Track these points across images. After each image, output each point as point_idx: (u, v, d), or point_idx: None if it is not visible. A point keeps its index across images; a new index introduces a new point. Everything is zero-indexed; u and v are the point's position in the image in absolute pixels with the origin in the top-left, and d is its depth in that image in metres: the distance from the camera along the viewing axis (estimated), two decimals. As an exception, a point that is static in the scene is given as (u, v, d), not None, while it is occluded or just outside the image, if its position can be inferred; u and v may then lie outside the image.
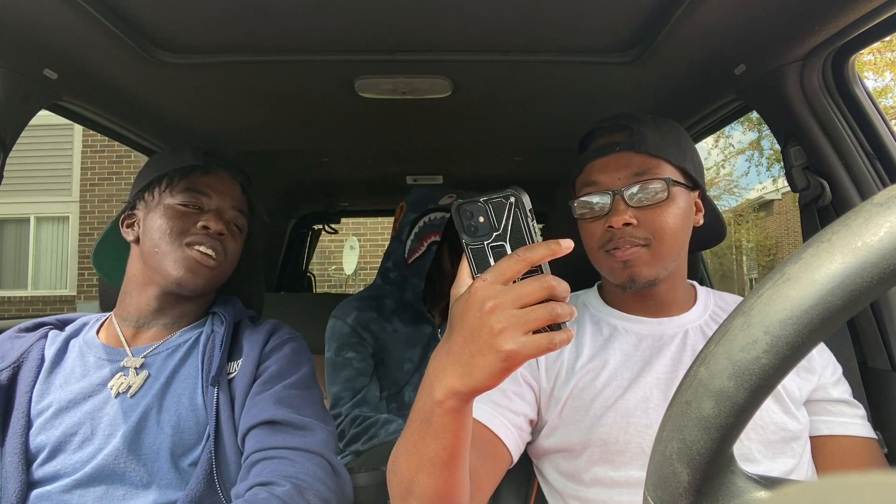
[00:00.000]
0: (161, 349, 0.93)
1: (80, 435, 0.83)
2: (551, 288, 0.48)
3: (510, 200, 0.50)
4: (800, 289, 0.28)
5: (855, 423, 0.83)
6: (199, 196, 0.97)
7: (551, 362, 0.87)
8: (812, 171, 1.07)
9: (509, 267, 0.48)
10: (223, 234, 0.96)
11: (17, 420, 0.84)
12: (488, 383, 0.49)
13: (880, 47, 8.16)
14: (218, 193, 0.98)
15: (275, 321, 1.02)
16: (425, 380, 0.54)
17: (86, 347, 0.93)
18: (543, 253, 0.49)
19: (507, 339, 0.47)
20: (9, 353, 0.90)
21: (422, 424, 0.55)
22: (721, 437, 0.30)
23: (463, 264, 0.53)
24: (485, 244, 0.51)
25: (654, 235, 0.83)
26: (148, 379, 0.89)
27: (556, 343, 0.47)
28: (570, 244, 0.49)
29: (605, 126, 0.91)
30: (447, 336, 0.53)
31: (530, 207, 0.50)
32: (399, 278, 1.52)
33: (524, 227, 0.50)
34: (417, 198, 1.54)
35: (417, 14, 0.93)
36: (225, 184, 1.00)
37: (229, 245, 0.98)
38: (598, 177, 0.86)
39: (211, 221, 0.94)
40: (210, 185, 0.98)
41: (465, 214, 0.51)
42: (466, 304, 0.50)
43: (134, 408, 0.85)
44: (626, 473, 0.79)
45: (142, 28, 0.98)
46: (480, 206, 0.51)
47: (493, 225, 0.51)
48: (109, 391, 0.87)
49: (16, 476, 0.80)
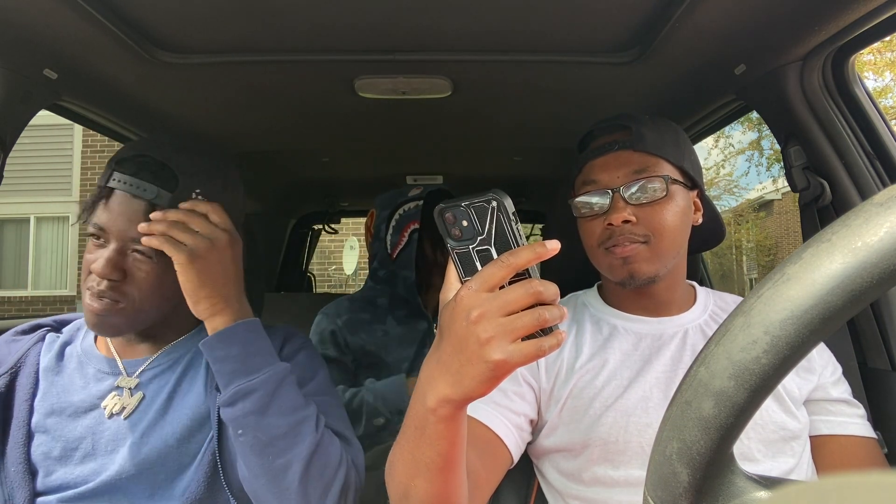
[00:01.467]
0: (158, 363, 0.89)
1: (82, 450, 0.82)
2: (537, 294, 0.47)
3: (492, 205, 0.48)
4: (800, 289, 0.28)
5: (855, 423, 0.83)
6: (98, 231, 0.83)
7: (551, 362, 0.87)
8: (812, 171, 1.07)
9: (493, 274, 0.47)
10: (111, 278, 0.81)
11: (17, 430, 0.83)
12: (480, 391, 0.49)
13: (880, 47, 8.17)
14: (115, 225, 0.82)
15: (286, 327, 0.99)
16: (418, 387, 0.54)
17: (85, 358, 0.90)
18: (528, 257, 0.47)
19: (495, 348, 0.46)
20: (5, 358, 0.88)
21: (416, 431, 0.55)
22: (721, 437, 0.30)
23: (450, 268, 0.52)
24: (470, 248, 0.50)
25: (654, 232, 0.83)
26: (143, 400, 0.86)
27: (546, 349, 0.47)
28: (557, 245, 0.48)
29: (604, 126, 0.92)
30: (437, 343, 0.53)
31: (513, 210, 0.49)
32: (388, 275, 1.52)
33: (508, 230, 0.49)
34: (384, 198, 1.56)
35: (417, 14, 0.93)
36: (124, 210, 0.82)
37: (133, 283, 0.83)
38: (597, 175, 0.87)
39: (98, 264, 0.81)
40: (109, 215, 0.82)
41: (447, 219, 0.50)
42: (453, 313, 0.49)
43: (135, 425, 0.84)
44: (626, 473, 0.79)
45: (142, 28, 0.98)
46: (463, 210, 0.49)
47: (476, 229, 0.49)
48: (104, 411, 0.85)
49: (23, 486, 0.79)
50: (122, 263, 0.82)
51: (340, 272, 7.88)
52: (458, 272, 0.51)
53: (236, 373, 0.79)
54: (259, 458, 0.76)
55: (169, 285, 0.84)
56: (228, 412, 0.78)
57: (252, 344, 0.82)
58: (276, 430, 0.77)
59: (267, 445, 0.76)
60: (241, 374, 0.79)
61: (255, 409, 0.77)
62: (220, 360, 0.80)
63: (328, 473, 0.78)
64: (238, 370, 0.79)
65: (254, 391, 0.78)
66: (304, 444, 0.77)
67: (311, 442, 0.77)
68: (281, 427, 0.77)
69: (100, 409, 0.85)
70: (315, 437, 0.78)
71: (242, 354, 0.80)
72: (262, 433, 0.76)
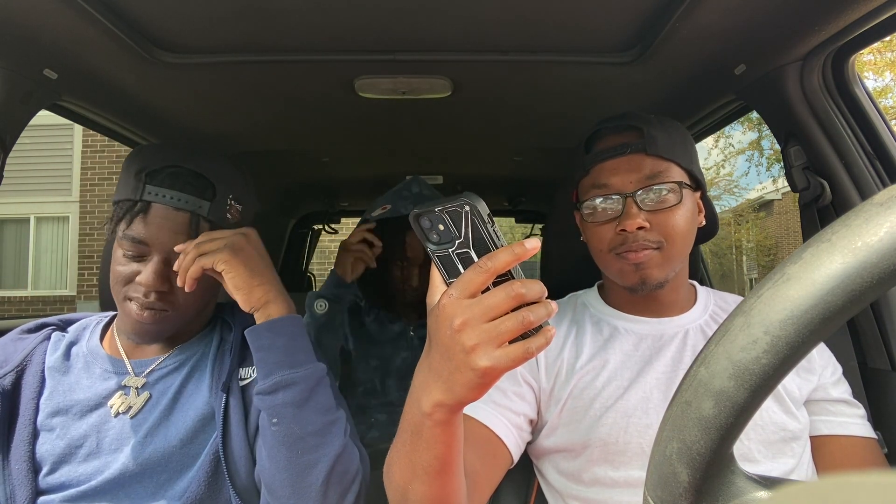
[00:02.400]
0: (166, 364, 0.90)
1: (86, 448, 0.83)
2: (519, 296, 0.46)
3: (465, 209, 0.47)
4: (800, 289, 0.28)
5: (855, 423, 0.83)
6: (138, 245, 0.84)
7: (551, 362, 0.87)
8: (812, 171, 1.07)
9: (472, 280, 0.47)
10: (160, 289, 0.84)
11: (23, 427, 0.83)
12: (472, 397, 0.49)
13: (880, 47, 8.16)
14: (157, 239, 0.84)
15: None
16: (412, 392, 0.54)
17: (91, 357, 0.91)
18: (507, 259, 0.46)
19: (481, 355, 0.46)
20: (12, 356, 0.88)
21: (412, 435, 0.55)
22: (721, 438, 0.30)
23: (434, 272, 0.52)
24: (450, 252, 0.49)
25: (666, 238, 0.82)
26: (150, 400, 0.86)
27: (533, 350, 0.46)
28: (536, 244, 0.47)
29: (611, 126, 0.90)
30: (427, 349, 0.52)
31: (488, 213, 0.48)
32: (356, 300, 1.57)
33: (485, 233, 0.48)
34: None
35: (417, 14, 0.93)
36: (167, 223, 0.84)
37: (179, 292, 0.85)
38: (608, 179, 0.85)
39: (147, 277, 0.83)
40: (148, 228, 0.84)
41: (423, 224, 0.49)
42: (437, 322, 0.49)
43: (140, 424, 0.84)
44: (626, 473, 0.79)
45: (142, 28, 0.98)
46: (437, 215, 0.48)
47: (454, 233, 0.48)
48: (110, 410, 0.85)
49: (25, 484, 0.79)
50: (168, 274, 0.85)
51: (340, 272, 7.86)
52: (442, 275, 0.51)
53: (280, 364, 0.81)
54: (289, 450, 0.77)
55: (208, 289, 0.90)
56: (267, 400, 0.80)
57: (297, 338, 0.84)
58: (310, 425, 0.78)
59: (299, 439, 0.77)
60: (285, 365, 0.81)
61: (294, 401, 0.79)
62: (265, 348, 0.82)
63: (347, 479, 0.79)
64: (283, 361, 0.81)
65: (295, 383, 0.79)
66: (333, 445, 0.78)
67: (339, 444, 0.79)
68: (316, 423, 0.78)
69: (105, 409, 0.85)
70: (343, 440, 0.80)
71: (288, 346, 0.82)
72: (298, 426, 0.78)
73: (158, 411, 0.85)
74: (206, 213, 0.86)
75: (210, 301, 0.95)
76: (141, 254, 0.85)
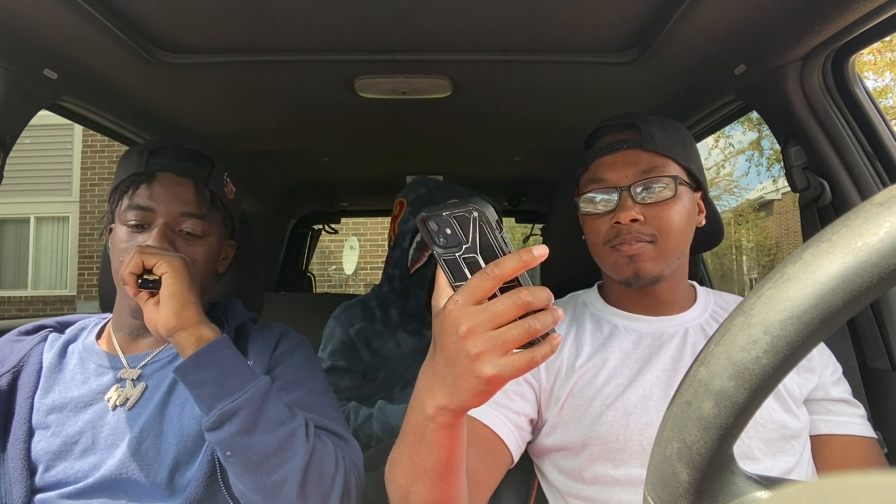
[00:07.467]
0: (160, 357, 0.90)
1: (81, 444, 0.82)
2: (526, 304, 0.45)
3: (473, 215, 0.47)
4: (800, 289, 0.28)
5: (855, 423, 0.83)
6: (143, 213, 0.86)
7: (551, 361, 0.87)
8: (812, 171, 1.07)
9: (479, 286, 0.46)
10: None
11: (18, 426, 0.83)
12: (475, 403, 0.49)
13: (880, 47, 8.15)
14: (163, 204, 0.86)
15: (282, 325, 0.99)
16: (416, 395, 0.54)
17: (86, 354, 0.91)
18: (514, 266, 0.46)
19: (486, 363, 0.46)
20: (8, 357, 0.89)
21: (416, 438, 0.55)
22: (721, 437, 0.30)
23: (440, 275, 0.52)
24: (457, 256, 0.49)
25: (660, 232, 0.83)
26: (146, 391, 0.86)
27: (538, 359, 0.46)
28: (544, 251, 0.46)
29: (611, 124, 0.91)
30: (432, 353, 0.52)
31: (497, 219, 0.48)
32: (402, 287, 1.50)
33: (493, 239, 0.47)
34: (418, 198, 1.50)
35: (417, 14, 0.93)
36: (171, 189, 0.87)
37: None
38: (605, 174, 0.86)
39: (150, 240, 0.84)
40: (154, 195, 0.87)
41: (431, 227, 0.49)
42: (443, 327, 0.48)
43: (135, 419, 0.84)
44: (626, 471, 0.79)
45: (142, 28, 0.98)
46: (445, 219, 0.48)
47: (461, 237, 0.48)
48: (107, 403, 0.85)
49: (21, 482, 0.79)
50: (172, 239, 0.86)
51: (340, 272, 7.88)
52: (448, 279, 0.51)
53: (217, 396, 0.76)
54: (253, 476, 0.74)
55: (203, 280, 0.90)
56: (215, 436, 0.75)
57: (229, 362, 0.79)
58: (266, 447, 0.74)
59: (259, 464, 0.74)
60: (222, 396, 0.76)
61: (241, 430, 0.74)
62: (198, 384, 0.77)
63: (326, 481, 0.76)
64: (218, 393, 0.76)
65: (239, 410, 0.75)
66: (296, 458, 0.75)
67: (304, 453, 0.75)
68: (271, 444, 0.74)
69: (100, 404, 0.85)
70: (307, 447, 0.76)
71: (220, 375, 0.77)
72: (253, 453, 0.74)
73: (153, 404, 0.85)
74: (209, 182, 0.90)
75: (204, 295, 0.93)
76: (145, 221, 0.87)
